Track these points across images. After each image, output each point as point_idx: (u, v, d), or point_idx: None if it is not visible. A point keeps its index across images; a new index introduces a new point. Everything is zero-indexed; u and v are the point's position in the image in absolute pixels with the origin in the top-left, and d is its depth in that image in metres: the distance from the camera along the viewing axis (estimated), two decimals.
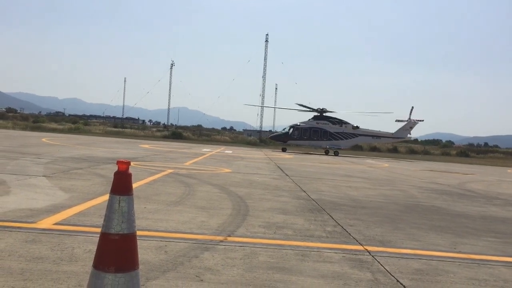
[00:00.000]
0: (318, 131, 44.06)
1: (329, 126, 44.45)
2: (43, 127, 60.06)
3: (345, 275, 3.97)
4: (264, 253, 4.49)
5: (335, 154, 42.66)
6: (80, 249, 4.09)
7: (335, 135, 44.27)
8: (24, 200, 6.31)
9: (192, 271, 3.72)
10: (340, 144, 44.45)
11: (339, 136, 44.38)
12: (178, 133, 67.09)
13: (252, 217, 6.36)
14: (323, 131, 44.06)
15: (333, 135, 44.24)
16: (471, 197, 11.84)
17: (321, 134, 44.04)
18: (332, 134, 44.22)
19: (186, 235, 4.98)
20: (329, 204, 8.27)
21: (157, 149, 26.39)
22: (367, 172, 19.54)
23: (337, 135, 44.33)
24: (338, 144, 44.29)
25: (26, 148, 18.05)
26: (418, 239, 5.83)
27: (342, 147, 44.90)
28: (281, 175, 14.44)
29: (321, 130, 44.06)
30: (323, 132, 44.05)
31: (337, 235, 5.67)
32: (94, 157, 16.00)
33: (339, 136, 44.36)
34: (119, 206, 2.08)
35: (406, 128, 45.80)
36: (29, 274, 3.34)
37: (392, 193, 11.26)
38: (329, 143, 44.12)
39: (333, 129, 44.38)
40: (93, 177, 9.65)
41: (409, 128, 45.85)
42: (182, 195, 7.98)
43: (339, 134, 44.40)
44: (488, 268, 4.63)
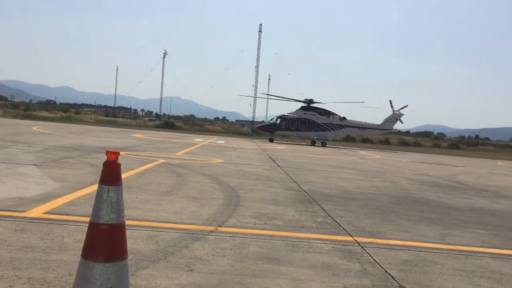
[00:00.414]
0: (306, 122, 44.06)
1: (316, 117, 44.44)
2: (34, 115, 59.60)
3: (334, 266, 4.00)
4: (254, 243, 4.51)
5: (323, 145, 42.70)
6: (70, 239, 4.09)
7: (322, 126, 44.31)
8: (14, 189, 6.28)
9: (182, 261, 3.73)
10: (327, 135, 44.53)
11: (327, 127, 44.44)
12: (170, 123, 66.88)
13: (243, 208, 6.38)
14: (310, 122, 44.06)
15: (320, 126, 44.27)
16: (460, 189, 11.95)
17: (309, 125, 44.04)
18: (319, 125, 44.25)
19: (177, 225, 4.99)
20: (320, 195, 8.31)
21: (149, 139, 26.31)
22: (359, 164, 19.63)
23: (325, 126, 44.39)
24: (325, 135, 44.36)
25: (16, 137, 17.92)
26: (407, 230, 5.88)
27: (330, 138, 45.00)
28: (273, 166, 14.47)
29: (308, 121, 44.06)
30: (310, 123, 44.06)
31: (327, 226, 5.70)
32: (85, 146, 15.92)
33: (326, 127, 44.43)
34: (108, 196, 2.08)
35: (391, 120, 46.20)
36: (18, 263, 3.34)
37: (383, 185, 11.33)
38: (316, 134, 44.16)
39: (320, 120, 44.40)
40: (84, 167, 9.62)
41: (394, 120, 46.27)
42: (173, 185, 7.98)
43: (326, 125, 44.46)
44: (476, 260, 4.69)
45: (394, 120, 46.29)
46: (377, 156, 29.02)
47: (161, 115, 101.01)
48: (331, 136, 45.15)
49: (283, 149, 29.03)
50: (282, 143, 39.81)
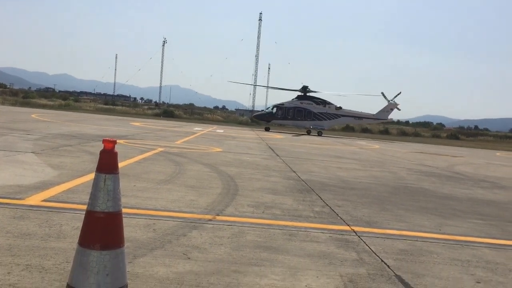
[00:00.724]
0: (302, 111, 43.85)
1: (313, 106, 44.26)
2: (33, 103, 59.47)
3: (331, 255, 4.02)
4: (252, 232, 4.54)
5: (319, 134, 42.52)
6: (68, 226, 4.11)
7: (318, 115, 44.15)
8: (12, 176, 6.29)
9: (180, 249, 3.75)
10: (323, 125, 44.39)
11: (323, 117, 44.30)
12: (169, 112, 66.81)
13: (241, 197, 6.40)
14: (307, 111, 43.88)
15: (316, 115, 44.10)
16: (459, 180, 11.98)
17: (305, 114, 43.82)
18: (315, 114, 44.07)
19: (175, 213, 5.01)
20: (318, 185, 8.33)
21: (148, 127, 26.30)
22: (358, 154, 19.65)
23: (321, 116, 44.23)
24: (321, 125, 44.22)
25: (15, 124, 17.90)
26: (404, 220, 5.91)
27: (326, 127, 44.86)
28: (272, 155, 14.49)
29: (305, 110, 43.88)
30: (307, 112, 43.86)
31: (325, 215, 5.73)
32: (84, 134, 15.92)
33: (322, 116, 44.28)
34: (105, 185, 2.09)
35: (386, 110, 46.31)
36: (16, 250, 3.35)
37: (381, 175, 11.36)
38: (312, 123, 44.00)
39: (316, 109, 44.23)
40: (82, 154, 9.62)
41: (389, 110, 46.38)
42: (172, 174, 7.99)
43: (322, 114, 44.30)
44: (472, 249, 4.72)
45: (389, 110, 46.39)
46: (376, 146, 29.06)
47: (160, 104, 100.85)
48: (327, 126, 45.04)
49: (282, 138, 29.04)
50: (278, 132, 39.69)
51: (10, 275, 2.89)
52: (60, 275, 2.96)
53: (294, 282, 3.28)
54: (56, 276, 2.94)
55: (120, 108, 70.94)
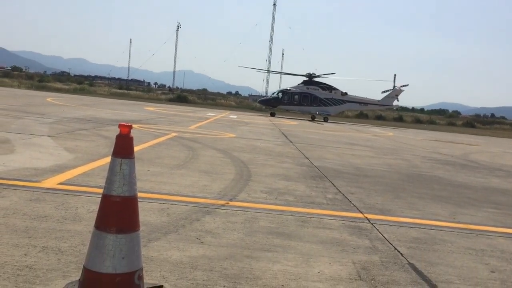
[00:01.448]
0: (308, 96, 43.18)
1: (319, 91, 43.61)
2: (48, 86, 59.99)
3: (343, 242, 4.02)
4: (264, 218, 4.55)
5: (325, 120, 41.90)
6: (83, 209, 4.16)
7: (324, 101, 43.51)
8: (29, 159, 6.37)
9: (193, 234, 3.78)
10: (329, 110, 43.78)
11: (329, 102, 43.67)
12: (183, 97, 66.92)
13: (254, 182, 6.41)
14: (313, 96, 43.24)
15: (322, 101, 43.45)
16: (474, 168, 11.86)
17: (311, 99, 43.14)
18: (321, 100, 43.39)
19: (188, 198, 5.04)
20: (331, 172, 8.31)
21: (162, 112, 26.40)
22: (371, 141, 19.54)
23: (327, 101, 43.60)
24: (327, 110, 43.61)
25: (31, 108, 18.09)
26: (418, 208, 5.88)
27: (332, 113, 44.24)
28: (285, 141, 14.47)
29: (311, 96, 43.24)
30: (313, 98, 43.17)
31: (338, 202, 5.72)
32: (99, 118, 16.04)
33: (328, 102, 43.64)
34: (121, 169, 2.10)
35: (392, 95, 45.72)
36: (33, 232, 3.41)
37: (395, 162, 11.29)
38: (318, 109, 43.39)
39: (322, 95, 43.58)
40: (97, 138, 9.71)
41: (394, 96, 45.80)
42: (185, 159, 8.03)
43: (328, 100, 43.67)
44: (486, 239, 4.68)
45: (394, 96, 45.86)
46: (390, 134, 28.85)
47: (174, 89, 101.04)
48: (333, 111, 44.47)
49: (295, 124, 28.97)
50: (286, 118, 39.34)
51: (27, 256, 2.94)
52: (76, 257, 3.00)
53: (307, 268, 3.29)
54: (72, 258, 2.99)
55: (134, 92, 71.24)
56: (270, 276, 3.07)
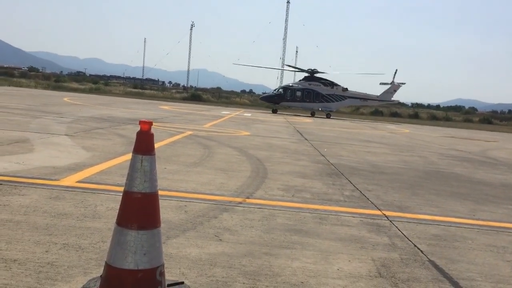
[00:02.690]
0: (310, 92, 42.45)
1: (320, 87, 42.91)
2: (64, 86, 60.63)
3: (362, 239, 4.00)
4: (282, 215, 4.54)
5: (327, 116, 41.29)
6: (102, 207, 4.19)
7: (326, 97, 42.82)
8: (48, 158, 6.45)
9: (211, 231, 3.79)
10: (331, 107, 43.15)
11: (331, 98, 43.02)
12: (197, 95, 67.09)
13: (270, 180, 6.40)
14: (315, 92, 42.50)
15: (324, 97, 42.74)
16: (492, 165, 11.69)
17: (314, 95, 42.45)
18: (323, 96, 42.69)
19: (206, 196, 5.05)
20: (348, 169, 8.26)
21: (177, 111, 26.52)
22: (387, 138, 19.38)
23: (329, 97, 42.94)
24: (329, 107, 42.98)
25: (48, 107, 18.31)
26: (437, 205, 5.82)
27: (334, 109, 43.61)
28: (300, 139, 14.43)
29: (313, 92, 42.50)
30: (315, 94, 42.47)
31: (355, 199, 5.68)
32: (115, 117, 16.17)
33: (330, 98, 42.98)
34: (142, 166, 2.11)
35: (390, 91, 45.36)
36: (53, 229, 3.45)
37: (411, 159, 11.18)
38: (321, 105, 42.73)
39: (324, 91, 42.89)
40: (114, 137, 9.78)
41: (392, 91, 45.43)
42: (201, 157, 8.06)
43: (330, 96, 43.01)
44: (507, 236, 4.61)
45: (393, 91, 45.51)
46: (406, 130, 28.58)
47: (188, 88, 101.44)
48: (334, 107, 43.90)
49: (310, 122, 28.88)
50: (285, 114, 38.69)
51: (48, 253, 2.97)
52: (97, 254, 3.02)
53: (326, 265, 3.28)
54: (93, 255, 3.01)
55: (149, 91, 71.62)
56: (289, 273, 3.06)
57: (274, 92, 44.11)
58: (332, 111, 43.44)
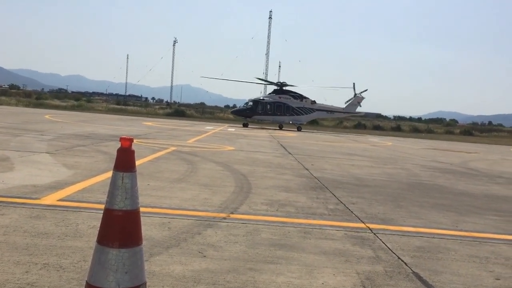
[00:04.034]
0: (281, 106, 42.79)
1: (291, 101, 43.30)
2: (46, 104, 60.00)
3: (347, 252, 4.00)
4: (266, 230, 4.53)
5: (298, 129, 41.57)
6: (84, 225, 4.13)
7: (297, 110, 43.21)
8: (28, 176, 6.34)
9: (195, 247, 3.75)
10: (301, 119, 43.54)
11: (300, 111, 43.43)
12: (181, 111, 66.95)
13: (255, 195, 6.39)
14: (286, 106, 42.86)
15: (295, 110, 43.16)
16: (473, 176, 11.85)
17: (284, 109, 42.80)
18: (294, 109, 43.13)
19: (189, 212, 5.01)
20: (331, 182, 8.29)
21: (160, 127, 26.40)
22: (370, 151, 19.54)
23: (299, 110, 43.34)
24: (299, 119, 43.36)
25: (29, 125, 18.08)
26: (420, 217, 5.86)
27: (304, 122, 44.16)
28: (284, 153, 14.46)
29: (284, 105, 42.84)
30: (286, 107, 42.83)
31: (339, 213, 5.69)
32: (97, 134, 16.02)
33: (300, 111, 43.40)
34: (123, 183, 2.09)
35: (354, 103, 46.39)
36: (34, 249, 3.38)
37: (395, 172, 11.27)
38: (291, 118, 43.05)
39: (295, 104, 43.35)
40: (96, 154, 9.68)
41: (356, 103, 46.45)
42: (185, 173, 8.01)
43: (300, 109, 43.44)
44: (490, 246, 4.66)
45: (357, 103, 46.53)
46: (388, 143, 28.86)
47: (171, 103, 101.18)
48: (304, 120, 44.30)
49: (294, 136, 28.99)
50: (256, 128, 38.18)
51: (28, 274, 2.91)
52: (78, 273, 2.97)
53: (311, 279, 3.26)
54: (74, 274, 2.96)
55: (132, 108, 71.25)
56: None
57: (245, 106, 43.72)
58: (302, 123, 43.74)
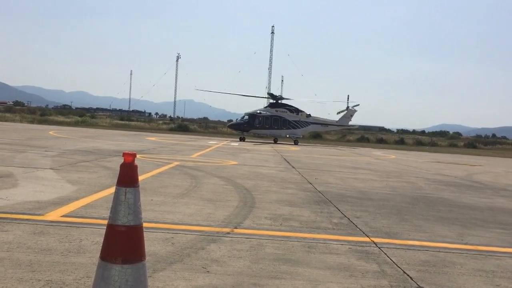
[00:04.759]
0: (278, 119, 42.52)
1: (287, 114, 43.14)
2: (50, 120, 60.32)
3: (351, 267, 3.97)
4: (270, 245, 4.50)
5: (295, 143, 41.38)
6: (87, 241, 4.12)
7: (293, 124, 43.03)
8: (32, 192, 6.35)
9: (199, 263, 3.73)
10: (297, 133, 43.24)
11: (297, 125, 43.17)
12: (184, 126, 67.14)
13: (258, 209, 6.37)
14: (282, 119, 42.63)
15: (291, 124, 42.96)
16: (478, 189, 11.79)
17: (281, 122, 42.57)
18: (290, 122, 42.92)
19: (193, 227, 5.00)
20: (335, 196, 8.26)
21: (164, 142, 26.45)
22: (374, 164, 19.49)
23: (295, 124, 43.11)
24: (296, 133, 43.09)
25: (33, 141, 18.15)
26: (425, 230, 5.82)
27: (300, 135, 44.00)
28: (287, 167, 14.44)
29: (281, 119, 42.60)
30: (283, 121, 42.61)
31: (344, 227, 5.66)
32: (101, 149, 16.06)
33: (296, 124, 43.15)
34: (125, 198, 2.09)
35: (347, 116, 46.56)
36: (37, 265, 3.37)
37: (399, 185, 11.23)
38: (288, 132, 42.85)
39: (291, 117, 43.16)
40: (100, 170, 9.70)
41: (349, 116, 46.62)
42: (188, 188, 8.00)
43: (296, 122, 43.19)
44: (496, 260, 4.61)
45: (349, 116, 46.69)
46: (392, 156, 28.80)
47: (175, 118, 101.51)
48: (300, 134, 44.05)
49: (297, 150, 28.97)
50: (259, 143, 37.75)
51: None
52: None
53: None
54: None
55: (135, 123, 71.48)
56: None
57: (242, 119, 43.21)
58: (299, 137, 43.56)
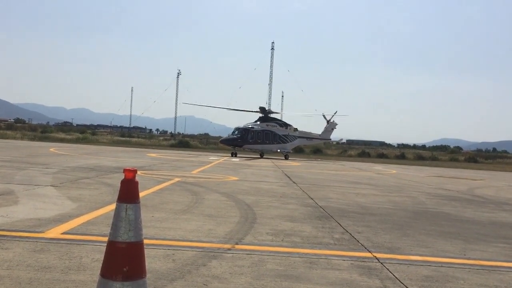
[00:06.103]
0: (269, 134, 42.33)
1: (277, 128, 43.06)
2: (51, 137, 60.39)
3: (354, 283, 3.94)
4: (272, 260, 4.47)
5: (286, 158, 41.23)
6: (88, 258, 4.10)
7: (283, 138, 42.96)
8: (32, 210, 6.34)
9: (200, 280, 3.71)
10: (287, 147, 43.18)
11: (286, 139, 43.12)
12: (185, 142, 67.19)
13: (259, 225, 6.34)
14: (273, 134, 42.50)
15: (281, 138, 42.88)
16: (480, 203, 11.74)
17: (272, 137, 42.41)
18: (280, 137, 42.86)
19: (194, 243, 4.97)
20: (337, 211, 8.23)
21: (164, 158, 26.45)
22: (375, 179, 19.45)
23: (285, 138, 43.07)
24: (285, 147, 43.01)
25: (34, 158, 18.16)
26: (427, 245, 5.78)
27: (289, 150, 43.85)
28: (288, 182, 14.41)
29: (271, 133, 42.44)
30: (273, 135, 42.48)
31: (345, 242, 5.63)
32: (102, 166, 16.06)
33: (285, 138, 43.12)
34: (126, 214, 2.09)
35: (328, 129, 46.99)
36: (37, 283, 3.35)
37: (400, 200, 11.19)
38: (279, 146, 42.73)
39: (281, 131, 43.09)
40: (100, 186, 9.68)
41: (330, 130, 47.09)
42: (189, 204, 7.98)
43: (285, 136, 43.17)
44: (499, 274, 4.58)
45: (330, 129, 47.14)
46: (393, 171, 28.75)
47: (176, 134, 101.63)
48: (289, 148, 43.99)
49: (298, 165, 28.95)
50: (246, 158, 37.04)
51: None
52: None
53: None
54: None
55: (136, 139, 71.56)
56: None
57: (234, 135, 42.29)
58: (289, 152, 43.41)
